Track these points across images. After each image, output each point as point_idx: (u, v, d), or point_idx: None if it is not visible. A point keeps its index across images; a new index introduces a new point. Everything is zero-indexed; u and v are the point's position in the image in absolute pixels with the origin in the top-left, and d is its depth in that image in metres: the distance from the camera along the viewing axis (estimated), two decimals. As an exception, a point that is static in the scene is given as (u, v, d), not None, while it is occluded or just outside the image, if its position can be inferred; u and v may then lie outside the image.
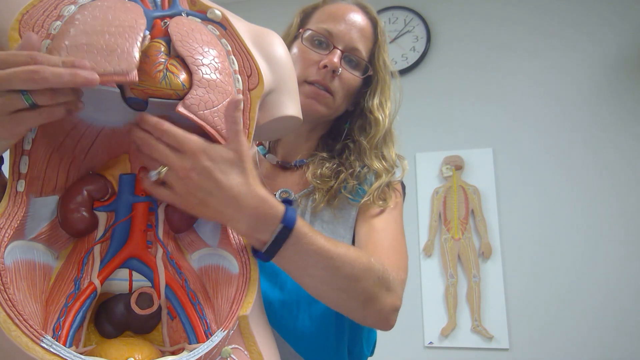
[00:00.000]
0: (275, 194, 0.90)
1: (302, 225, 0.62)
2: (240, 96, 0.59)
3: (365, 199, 0.87)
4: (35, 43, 0.51)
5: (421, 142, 2.41)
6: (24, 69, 0.48)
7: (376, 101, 0.93)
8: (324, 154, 0.93)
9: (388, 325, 0.76)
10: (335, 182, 0.88)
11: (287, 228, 0.60)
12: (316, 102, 0.89)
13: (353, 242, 0.87)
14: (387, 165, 0.92)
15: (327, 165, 0.90)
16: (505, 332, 2.15)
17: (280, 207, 0.61)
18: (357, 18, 0.92)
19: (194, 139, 0.56)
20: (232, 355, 0.56)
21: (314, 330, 0.81)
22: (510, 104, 2.39)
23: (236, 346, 0.57)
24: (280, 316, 0.80)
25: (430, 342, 2.22)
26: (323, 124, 0.97)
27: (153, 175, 0.57)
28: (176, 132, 0.56)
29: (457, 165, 2.36)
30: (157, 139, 0.56)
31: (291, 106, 0.72)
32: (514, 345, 2.15)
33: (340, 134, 0.96)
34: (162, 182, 0.57)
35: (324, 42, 0.90)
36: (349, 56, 0.91)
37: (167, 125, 0.56)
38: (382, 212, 0.88)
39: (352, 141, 0.94)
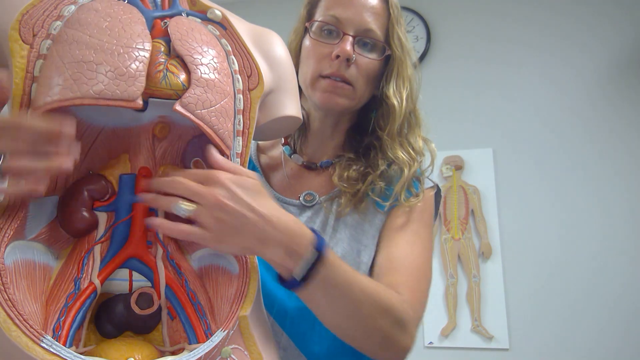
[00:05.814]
0: (299, 197, 0.88)
1: (330, 251, 0.63)
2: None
3: (390, 201, 0.84)
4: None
5: (421, 142, 2.40)
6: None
7: (392, 85, 0.87)
8: (351, 155, 0.89)
9: None
10: (363, 185, 0.85)
11: (318, 252, 0.61)
12: (335, 95, 0.84)
13: (377, 251, 0.85)
14: (414, 153, 0.87)
15: (354, 167, 0.87)
16: (505, 332, 2.15)
17: (310, 231, 0.62)
18: None
19: (219, 171, 0.57)
20: (232, 355, 0.56)
21: (330, 341, 0.78)
22: (510, 104, 2.38)
23: (236, 346, 0.57)
24: (297, 325, 0.78)
25: (430, 342, 2.22)
26: (347, 115, 0.92)
27: (183, 210, 0.55)
28: (199, 170, 0.58)
29: (457, 165, 2.36)
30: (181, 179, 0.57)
31: (291, 106, 0.72)
32: (514, 345, 2.14)
33: (367, 126, 0.91)
34: (187, 221, 0.56)
35: (334, 30, 0.84)
36: (363, 39, 0.85)
37: (188, 170, 0.59)
38: (407, 222, 0.85)
39: (375, 138, 0.89)
